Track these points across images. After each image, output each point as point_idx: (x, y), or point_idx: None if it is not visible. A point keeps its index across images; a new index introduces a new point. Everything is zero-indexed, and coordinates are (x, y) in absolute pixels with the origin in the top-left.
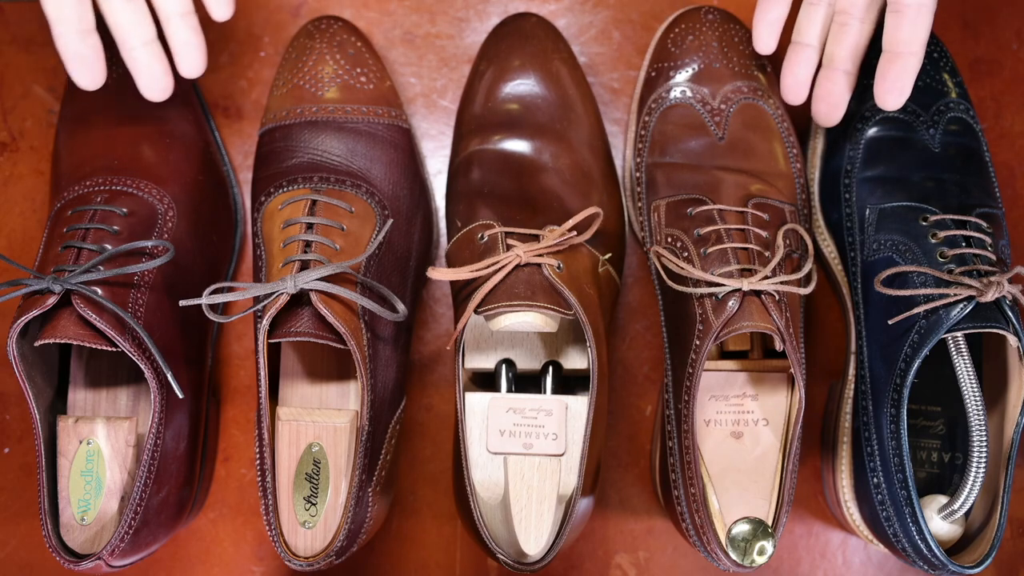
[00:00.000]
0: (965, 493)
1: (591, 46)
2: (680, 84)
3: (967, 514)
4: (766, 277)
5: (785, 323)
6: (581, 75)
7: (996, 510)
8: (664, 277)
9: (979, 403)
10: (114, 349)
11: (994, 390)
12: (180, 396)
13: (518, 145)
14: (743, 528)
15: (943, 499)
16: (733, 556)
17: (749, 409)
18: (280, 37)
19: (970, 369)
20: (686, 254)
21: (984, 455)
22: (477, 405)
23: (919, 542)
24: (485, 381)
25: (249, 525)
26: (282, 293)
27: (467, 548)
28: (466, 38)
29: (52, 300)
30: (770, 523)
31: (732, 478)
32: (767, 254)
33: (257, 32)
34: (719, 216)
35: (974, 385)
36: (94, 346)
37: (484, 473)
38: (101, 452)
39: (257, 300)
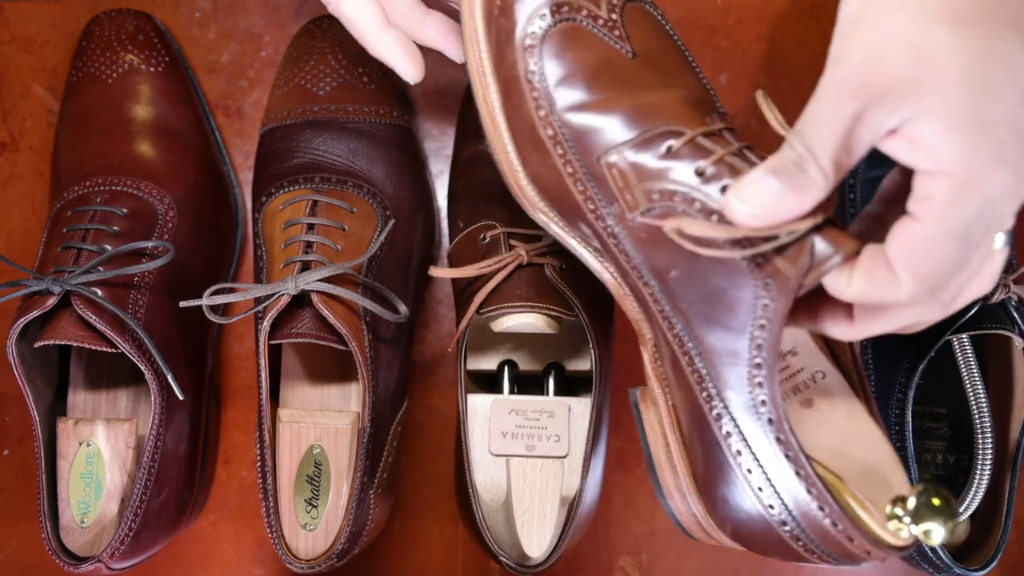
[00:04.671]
0: (970, 495)
1: None
2: (545, 1)
3: (972, 516)
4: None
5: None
6: None
7: (1001, 512)
8: (699, 249)
9: (984, 405)
10: (114, 350)
11: (999, 392)
12: (180, 398)
13: None
14: (911, 499)
15: None
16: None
17: (798, 367)
18: (281, 36)
19: (975, 371)
20: (695, 205)
21: (989, 457)
22: (479, 407)
23: (924, 545)
24: (487, 382)
25: (250, 527)
26: (283, 294)
27: (469, 550)
28: None
29: (52, 301)
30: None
31: (843, 458)
32: None
33: (258, 32)
34: (710, 141)
35: (979, 387)
36: (94, 347)
37: (486, 475)
38: (101, 454)
39: (258, 301)
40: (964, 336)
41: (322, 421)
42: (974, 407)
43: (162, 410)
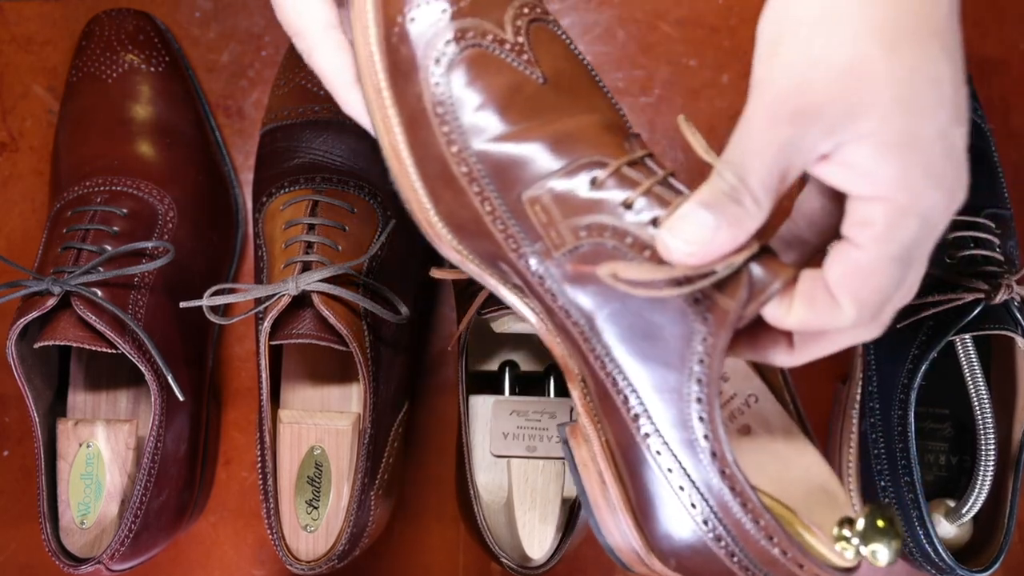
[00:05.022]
0: (973, 496)
1: (596, 45)
2: (458, 23)
3: (975, 517)
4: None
5: None
6: None
7: (1004, 513)
8: (634, 290)
9: (987, 406)
10: (114, 351)
11: (1002, 392)
12: (181, 399)
13: None
14: (862, 521)
15: (951, 502)
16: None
17: (731, 393)
18: (281, 36)
19: (978, 371)
20: (627, 241)
21: (992, 458)
22: (480, 408)
23: (926, 546)
24: (488, 383)
25: (250, 529)
26: (284, 295)
27: (470, 552)
28: None
29: (52, 302)
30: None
31: (787, 484)
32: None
33: (258, 31)
34: (635, 170)
35: (982, 387)
36: (94, 348)
37: (487, 476)
38: (101, 455)
39: (258, 302)
40: (967, 337)
41: (323, 422)
42: (977, 408)
43: (162, 411)
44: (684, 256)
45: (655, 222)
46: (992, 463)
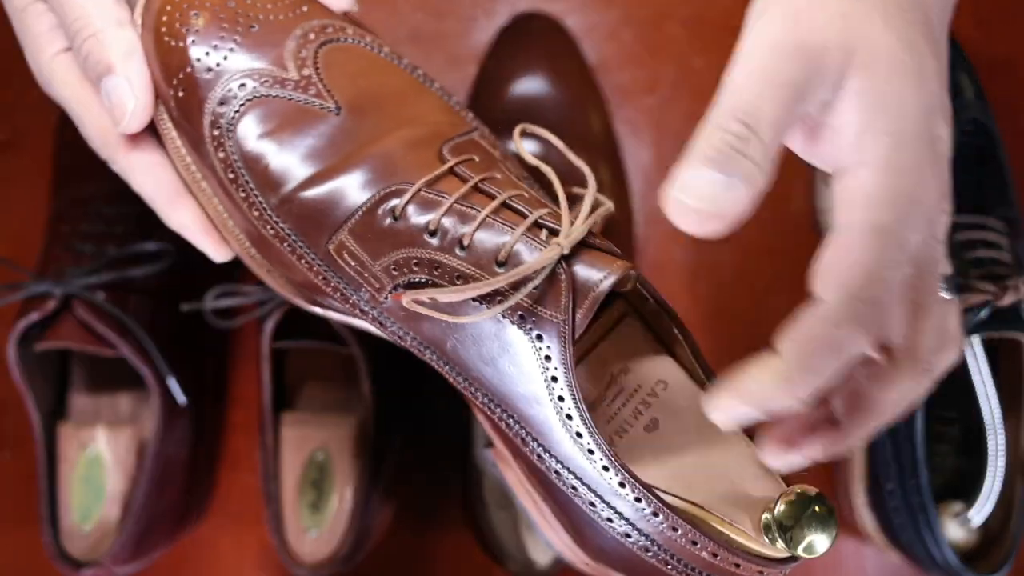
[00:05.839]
0: (982, 501)
1: (600, 45)
2: (227, 78)
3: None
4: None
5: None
6: (590, 75)
7: (1012, 517)
8: (446, 317)
9: (996, 409)
10: (115, 355)
11: (1011, 395)
12: (182, 403)
13: (528, 146)
14: (782, 508)
15: (959, 506)
16: (778, 544)
17: (633, 386)
18: None
19: (987, 374)
20: (438, 271)
21: (1001, 462)
22: None
23: (934, 550)
24: None
25: (253, 532)
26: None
27: (475, 556)
28: (474, 37)
29: (52, 304)
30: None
31: (701, 480)
32: (533, 192)
33: None
34: (440, 186)
35: (991, 390)
36: (95, 351)
37: (492, 480)
38: (102, 458)
39: (261, 304)
40: (975, 339)
41: (326, 425)
42: (985, 411)
43: (164, 414)
44: (693, 224)
45: (463, 243)
46: (1002, 467)
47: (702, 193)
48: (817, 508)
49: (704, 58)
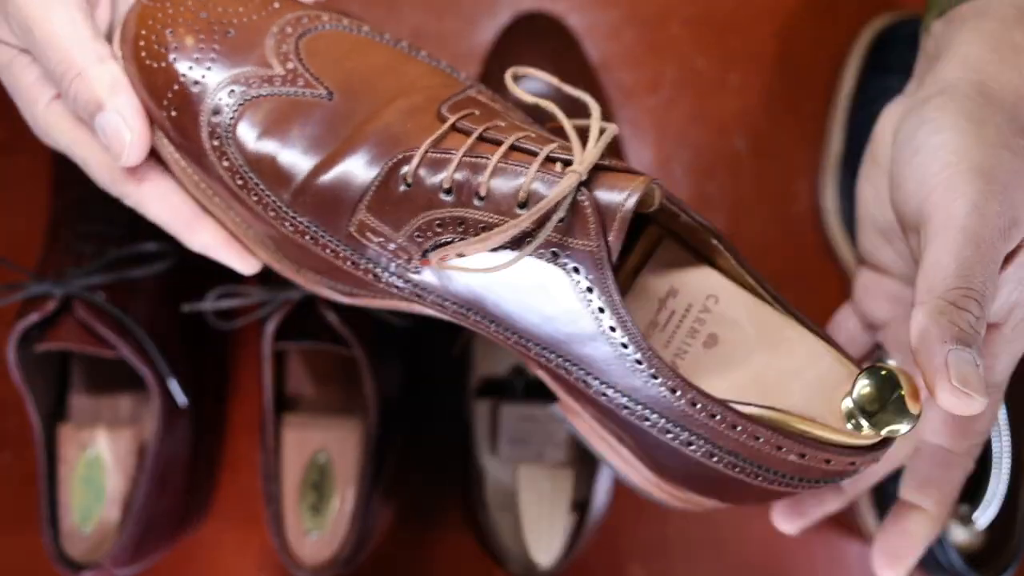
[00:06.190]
0: (987, 503)
1: (602, 45)
2: (214, 87)
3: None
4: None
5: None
6: (592, 74)
7: (1017, 519)
8: (485, 271)
9: (1002, 410)
10: (116, 356)
11: (1016, 396)
12: (182, 404)
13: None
14: (864, 390)
15: (963, 508)
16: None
17: (684, 306)
18: None
19: None
20: (462, 227)
21: (1006, 464)
22: (488, 413)
23: (938, 552)
24: (497, 388)
25: (253, 534)
26: (288, 298)
27: (476, 558)
28: (476, 36)
29: (52, 304)
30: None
31: (773, 382)
32: (540, 131)
33: None
34: (446, 145)
35: None
36: (95, 352)
37: (494, 482)
38: (103, 460)
39: (263, 305)
40: None
41: (327, 426)
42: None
43: (164, 415)
44: (967, 407)
45: (480, 193)
46: (1007, 469)
47: (976, 383)
48: (896, 383)
49: (706, 58)
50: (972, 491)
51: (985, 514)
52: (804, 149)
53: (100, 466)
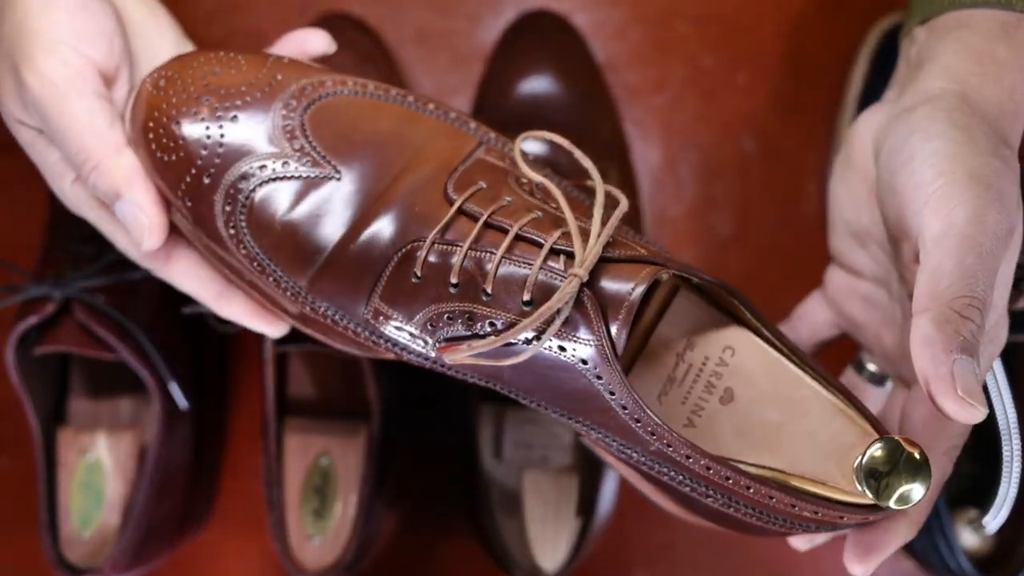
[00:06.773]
0: (997, 507)
1: (608, 43)
2: (226, 177)
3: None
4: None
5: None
6: (598, 73)
7: None
8: (496, 363)
9: (1011, 413)
10: (115, 358)
11: None
12: (183, 407)
13: (534, 146)
14: (876, 453)
15: (973, 512)
16: (867, 491)
17: (700, 359)
18: (286, 33)
19: (1002, 379)
20: (470, 320)
21: (1017, 467)
22: (493, 416)
23: (948, 557)
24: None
25: (255, 539)
26: None
27: (481, 563)
28: (480, 35)
29: (52, 307)
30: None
31: (785, 442)
32: (546, 207)
33: (263, 28)
34: (448, 241)
35: (1006, 395)
36: (95, 355)
37: (499, 486)
38: (102, 464)
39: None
40: None
41: (330, 430)
42: (1000, 417)
43: (165, 419)
44: (971, 416)
45: (490, 280)
46: (1017, 473)
47: (977, 393)
48: (909, 454)
49: (713, 57)
50: (982, 495)
51: (995, 519)
52: (812, 149)
53: (100, 470)
